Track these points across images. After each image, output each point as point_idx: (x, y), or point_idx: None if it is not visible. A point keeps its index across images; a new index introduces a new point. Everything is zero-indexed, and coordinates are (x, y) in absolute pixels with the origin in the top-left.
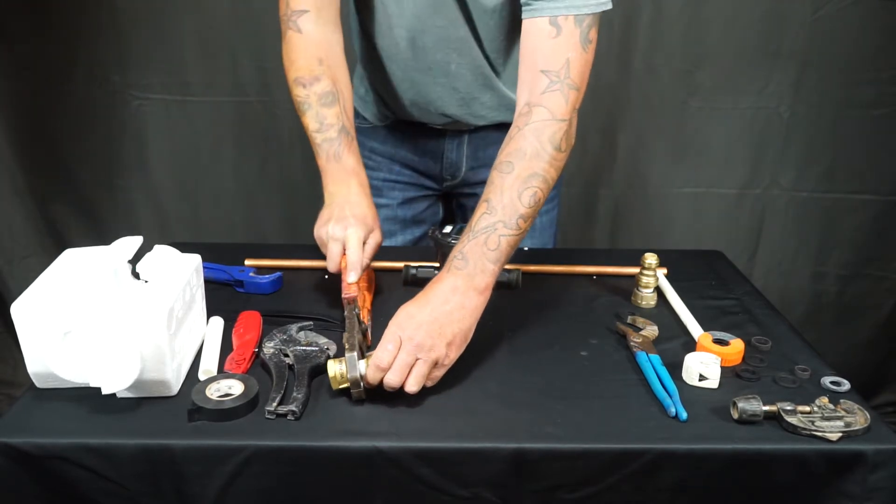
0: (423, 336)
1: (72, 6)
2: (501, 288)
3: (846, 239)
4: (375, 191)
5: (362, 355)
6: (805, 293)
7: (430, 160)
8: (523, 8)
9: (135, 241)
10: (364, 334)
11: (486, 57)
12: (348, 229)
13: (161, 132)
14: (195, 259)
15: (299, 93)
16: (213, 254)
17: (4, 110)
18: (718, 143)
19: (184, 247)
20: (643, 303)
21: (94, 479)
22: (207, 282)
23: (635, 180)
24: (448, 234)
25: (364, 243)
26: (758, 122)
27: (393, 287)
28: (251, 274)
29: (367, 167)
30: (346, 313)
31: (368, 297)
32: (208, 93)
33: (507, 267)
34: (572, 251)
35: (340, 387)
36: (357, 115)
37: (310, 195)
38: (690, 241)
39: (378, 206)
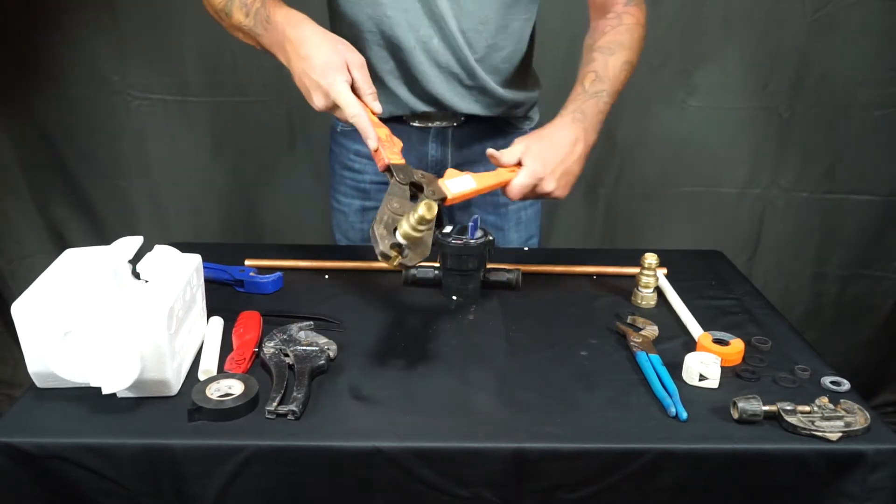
0: (564, 188)
1: (72, 6)
2: (501, 288)
3: (846, 239)
4: (364, 193)
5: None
6: (805, 293)
7: (416, 159)
8: None
9: (135, 241)
10: (416, 192)
11: (464, 35)
12: (331, 90)
13: (161, 132)
14: (195, 259)
15: (219, 1)
16: (213, 254)
17: (4, 110)
18: (718, 143)
19: (184, 247)
20: (643, 303)
21: (94, 479)
22: (208, 282)
23: (635, 180)
24: (448, 234)
25: (352, 82)
26: (757, 122)
27: (393, 287)
28: (251, 274)
29: (353, 170)
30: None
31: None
32: (208, 93)
33: (507, 267)
34: (572, 251)
35: (395, 264)
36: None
37: (310, 195)
38: (690, 241)
39: (367, 209)
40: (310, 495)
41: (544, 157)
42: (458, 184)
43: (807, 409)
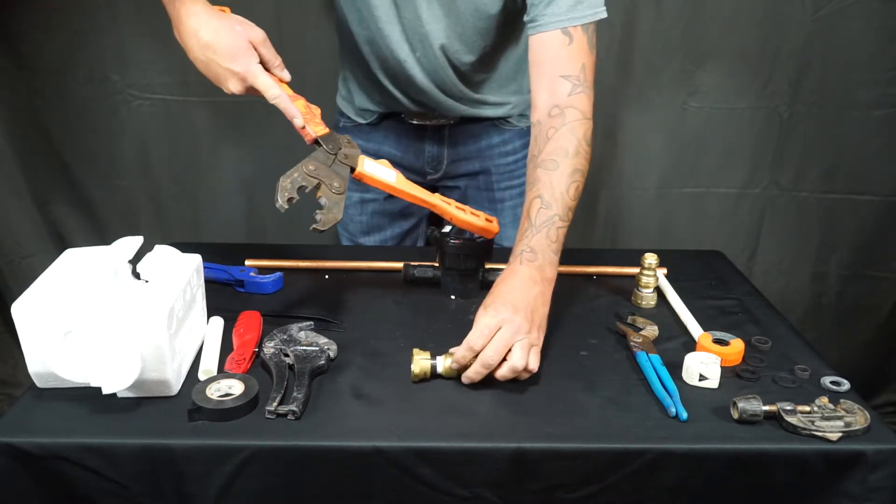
0: (521, 320)
1: (72, 6)
2: None
3: (846, 239)
4: (361, 185)
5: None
6: (805, 293)
7: (413, 155)
8: (532, 24)
9: (135, 241)
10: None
11: (447, 53)
12: (247, 74)
13: (161, 132)
14: (195, 259)
15: None
16: (214, 254)
17: (4, 110)
18: (718, 144)
19: (184, 247)
20: (643, 303)
21: (94, 479)
22: (208, 282)
23: (635, 180)
24: (448, 234)
25: (261, 62)
26: (757, 123)
27: (393, 287)
28: (252, 274)
29: None
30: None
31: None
32: (208, 93)
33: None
34: (572, 251)
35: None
36: (343, 115)
37: (310, 195)
38: (690, 241)
39: (366, 201)
40: (310, 495)
41: (499, 303)
42: (377, 169)
43: (807, 409)
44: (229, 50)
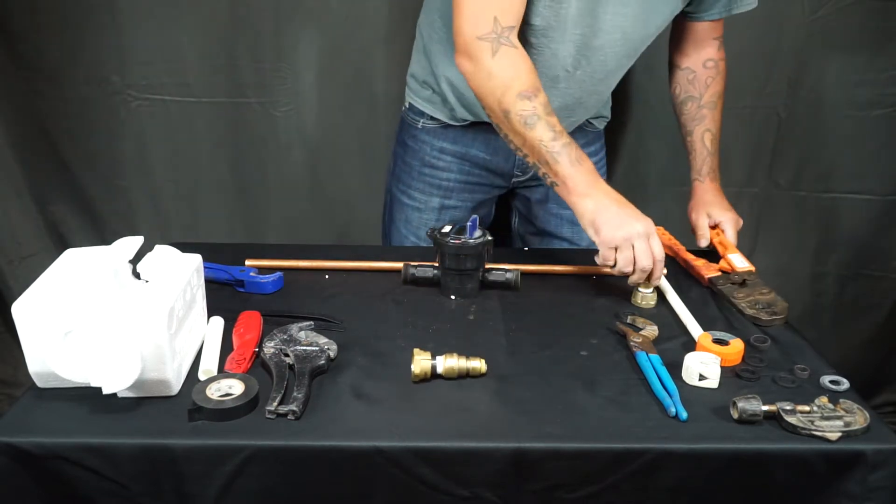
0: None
1: (72, 6)
2: (501, 287)
3: (845, 239)
4: (445, 191)
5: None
6: (804, 293)
7: (502, 158)
8: (701, 14)
9: (135, 241)
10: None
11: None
12: (650, 227)
13: (161, 132)
14: (196, 259)
15: (525, 107)
16: (214, 254)
17: (4, 110)
18: None
19: (184, 247)
20: (643, 303)
21: (94, 479)
22: (208, 282)
23: (635, 180)
24: (447, 234)
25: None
26: (756, 122)
27: (393, 287)
28: (252, 274)
29: (436, 167)
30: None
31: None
32: (208, 93)
33: (507, 267)
34: (572, 251)
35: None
36: (423, 115)
37: (309, 195)
38: (690, 240)
39: (447, 208)
40: (310, 495)
41: (727, 210)
42: (741, 260)
43: (806, 408)
44: (637, 213)
